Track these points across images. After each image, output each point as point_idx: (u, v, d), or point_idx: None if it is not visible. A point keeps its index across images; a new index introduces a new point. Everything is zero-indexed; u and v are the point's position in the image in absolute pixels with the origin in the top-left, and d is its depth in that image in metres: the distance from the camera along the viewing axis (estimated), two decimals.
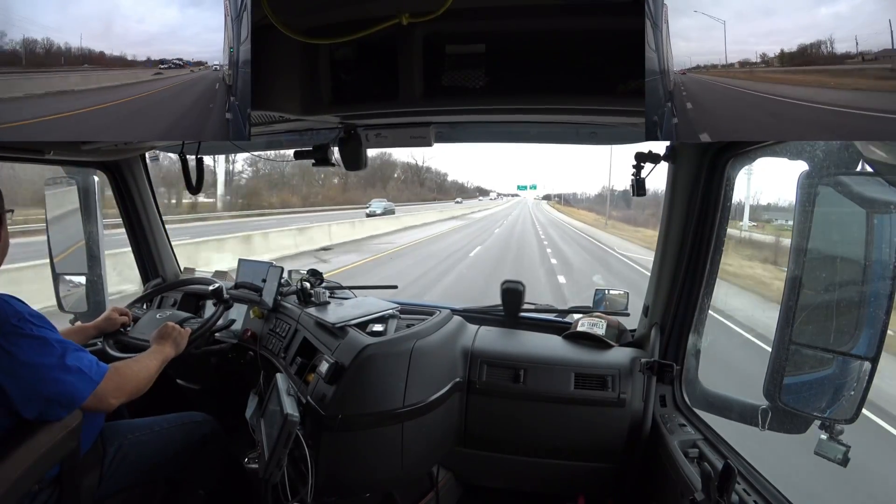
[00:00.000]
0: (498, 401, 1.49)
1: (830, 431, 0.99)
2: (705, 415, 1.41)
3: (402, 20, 0.98)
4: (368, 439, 1.36)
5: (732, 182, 1.33)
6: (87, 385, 1.11)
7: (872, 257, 0.95)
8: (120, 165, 2.01)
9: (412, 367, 1.40)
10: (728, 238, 1.38)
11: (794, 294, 1.02)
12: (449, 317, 1.64)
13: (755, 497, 1.06)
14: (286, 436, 1.22)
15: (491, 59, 1.07)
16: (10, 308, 1.06)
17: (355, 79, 1.16)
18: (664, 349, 1.48)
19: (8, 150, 1.48)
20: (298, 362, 1.59)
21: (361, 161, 1.59)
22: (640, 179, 1.36)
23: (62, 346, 1.09)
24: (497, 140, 1.67)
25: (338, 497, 1.42)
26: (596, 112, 1.16)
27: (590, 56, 1.02)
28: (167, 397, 1.99)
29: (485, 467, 1.59)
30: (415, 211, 29.88)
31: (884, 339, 0.92)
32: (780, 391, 1.06)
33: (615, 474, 1.47)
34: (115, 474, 1.32)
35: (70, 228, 2.08)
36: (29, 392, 1.04)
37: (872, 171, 0.88)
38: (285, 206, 29.38)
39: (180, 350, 1.49)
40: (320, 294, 1.84)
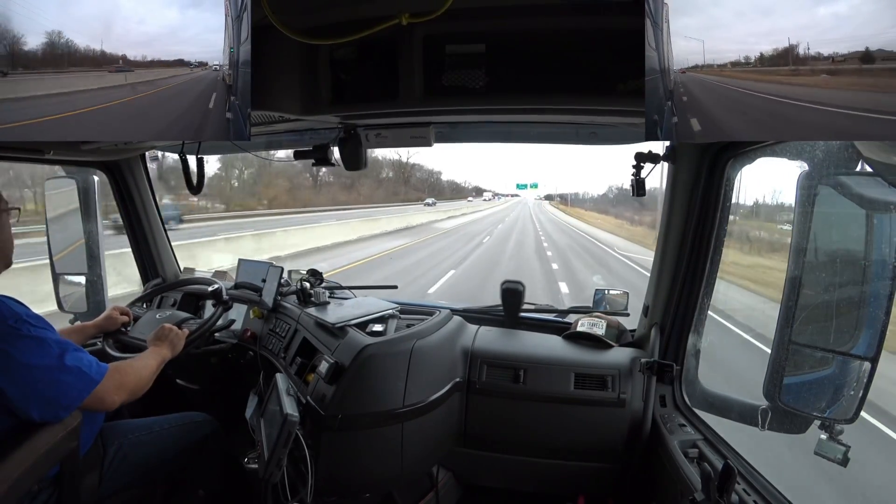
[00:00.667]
0: (498, 401, 1.49)
1: (830, 431, 0.99)
2: (705, 415, 1.41)
3: (402, 20, 0.98)
4: (368, 439, 1.36)
5: (732, 182, 1.33)
6: (86, 384, 1.11)
7: (872, 257, 0.95)
8: (120, 165, 2.01)
9: (412, 367, 1.40)
10: (758, 241, 1.36)
11: (793, 294, 1.02)
12: (449, 317, 1.64)
13: (755, 497, 1.06)
14: (286, 436, 1.22)
15: (491, 59, 1.07)
16: (8, 309, 1.06)
17: (355, 79, 1.16)
18: (664, 349, 1.48)
19: (8, 149, 1.48)
20: (298, 362, 1.59)
21: (361, 161, 1.59)
22: (640, 179, 1.37)
23: (61, 347, 1.09)
24: (497, 140, 1.67)
25: (338, 497, 1.42)
26: (596, 112, 1.16)
27: (590, 56, 1.02)
28: (167, 397, 1.99)
29: (485, 467, 1.59)
30: (347, 218, 19.86)
31: (884, 340, 0.92)
32: (779, 391, 1.06)
33: (615, 474, 1.47)
34: (115, 474, 1.33)
35: (70, 228, 2.08)
36: (28, 393, 1.04)
37: (872, 171, 0.88)
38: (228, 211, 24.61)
39: (177, 352, 1.48)
40: (320, 294, 1.84)
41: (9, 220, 1.20)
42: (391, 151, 59.53)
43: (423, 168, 68.91)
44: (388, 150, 54.67)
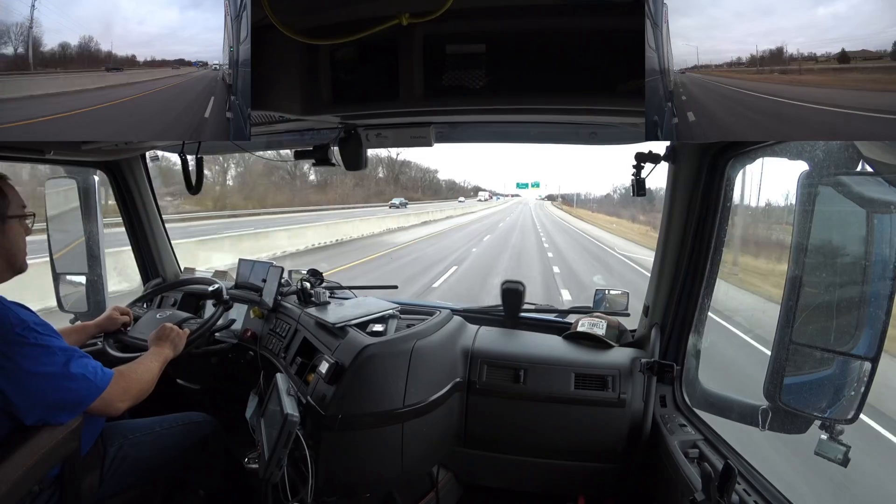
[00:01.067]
0: (498, 401, 1.49)
1: (831, 432, 0.99)
2: (705, 415, 1.41)
3: (403, 20, 0.98)
4: (368, 439, 1.36)
5: (732, 182, 1.33)
6: (92, 391, 1.11)
7: (872, 257, 0.95)
8: (120, 165, 2.01)
9: (412, 367, 1.40)
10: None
11: (794, 294, 1.02)
12: (449, 317, 1.64)
13: (755, 497, 1.06)
14: (286, 436, 1.22)
15: (491, 58, 1.07)
16: (15, 316, 1.06)
17: (355, 79, 1.16)
18: (664, 349, 1.48)
19: (8, 149, 1.48)
20: (298, 362, 1.59)
21: (361, 161, 1.59)
22: (640, 179, 1.37)
23: (66, 354, 1.09)
24: (497, 140, 1.67)
25: (338, 497, 1.42)
26: (596, 112, 1.16)
27: (590, 56, 1.02)
28: (167, 397, 1.99)
29: (485, 467, 1.59)
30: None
31: (884, 340, 0.91)
32: (780, 391, 1.06)
33: (615, 474, 1.47)
34: (116, 475, 1.33)
35: (70, 228, 2.08)
36: (33, 400, 1.05)
37: (872, 171, 0.88)
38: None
39: (178, 351, 1.49)
40: (320, 294, 1.84)
41: (19, 226, 1.18)
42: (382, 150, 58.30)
43: (417, 166, 64.53)
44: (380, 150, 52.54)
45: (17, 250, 1.17)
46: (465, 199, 72.09)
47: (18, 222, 1.18)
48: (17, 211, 1.17)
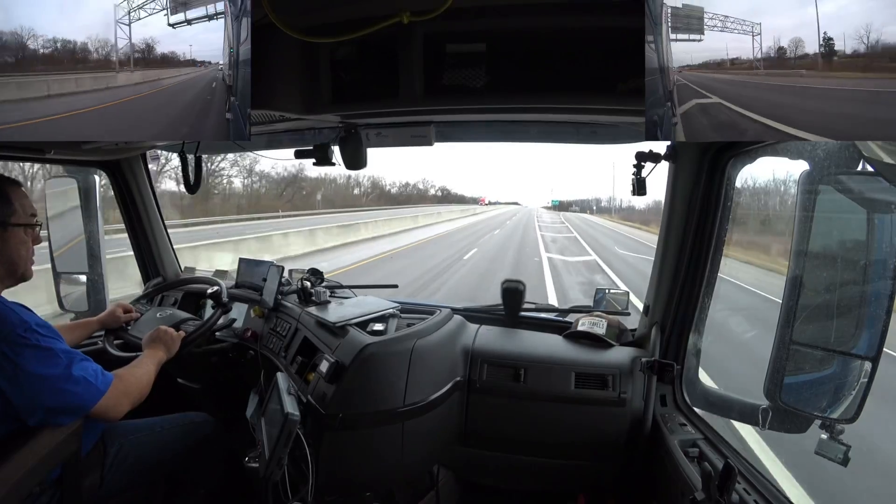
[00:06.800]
0: (498, 400, 1.49)
1: (831, 431, 0.99)
2: (706, 414, 1.41)
3: (403, 19, 0.98)
4: (369, 438, 1.36)
5: (733, 182, 1.32)
6: (93, 395, 1.11)
7: (873, 257, 0.95)
8: (120, 165, 2.01)
9: (412, 366, 1.40)
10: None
11: (794, 294, 1.02)
12: (449, 316, 1.64)
13: (755, 497, 1.06)
14: (287, 435, 1.22)
15: (491, 57, 1.07)
16: (17, 317, 1.06)
17: (356, 78, 1.16)
18: (664, 348, 1.48)
19: (9, 149, 1.48)
20: (299, 361, 1.59)
21: (362, 160, 1.58)
22: (640, 179, 1.36)
23: (68, 357, 1.09)
24: (497, 139, 1.67)
25: (338, 496, 1.43)
26: (596, 111, 1.16)
27: (590, 55, 1.02)
28: (167, 397, 1.99)
29: (485, 466, 1.59)
30: None
31: (884, 339, 0.92)
32: (780, 391, 1.06)
33: (615, 473, 1.47)
34: (117, 475, 1.33)
35: (70, 227, 2.08)
36: (34, 402, 1.05)
37: (872, 171, 0.88)
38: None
39: (172, 354, 1.48)
40: (321, 293, 1.84)
41: (24, 234, 1.16)
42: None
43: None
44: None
45: (18, 258, 1.15)
46: (442, 210, 48.02)
47: (24, 230, 1.15)
48: (24, 219, 1.15)
